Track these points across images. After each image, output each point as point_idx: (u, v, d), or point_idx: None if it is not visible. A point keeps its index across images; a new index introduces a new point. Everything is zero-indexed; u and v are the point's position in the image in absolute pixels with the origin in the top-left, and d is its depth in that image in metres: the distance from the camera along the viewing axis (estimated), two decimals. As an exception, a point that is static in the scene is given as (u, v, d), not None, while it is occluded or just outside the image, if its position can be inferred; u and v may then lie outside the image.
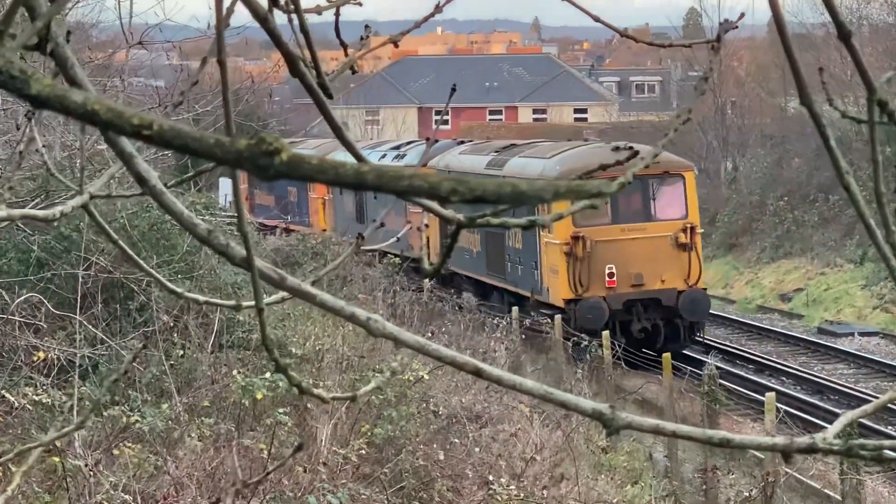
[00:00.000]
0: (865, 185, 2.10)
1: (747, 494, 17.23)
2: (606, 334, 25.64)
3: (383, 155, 40.90)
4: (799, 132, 48.35)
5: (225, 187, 40.52)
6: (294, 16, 2.07)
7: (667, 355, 23.13)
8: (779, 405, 20.06)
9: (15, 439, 11.26)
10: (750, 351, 31.85)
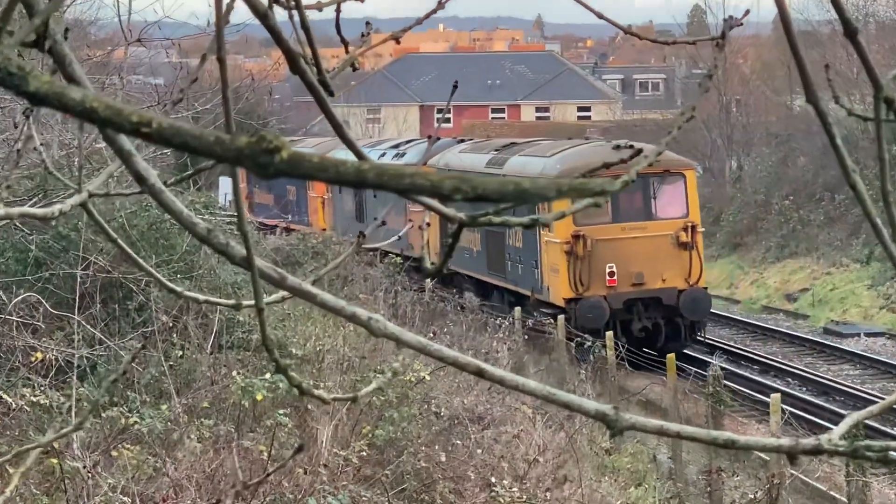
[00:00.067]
0: (872, 184, 2.09)
1: (752, 496, 17.19)
2: (610, 335, 25.62)
3: (383, 153, 40.85)
4: (805, 130, 48.20)
5: (224, 186, 40.54)
6: (295, 12, 2.06)
7: (671, 356, 23.10)
8: (784, 406, 20.00)
9: (13, 441, 11.24)
10: (755, 351, 31.80)
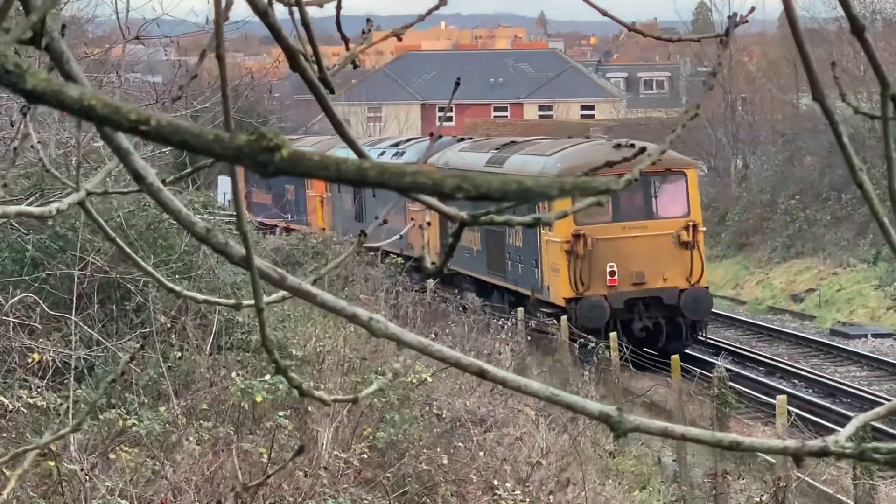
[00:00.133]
0: (879, 183, 2.07)
1: (758, 500, 17.16)
2: (614, 335, 25.59)
3: (382, 152, 40.85)
4: (811, 129, 48.09)
5: (224, 186, 40.55)
6: (295, 9, 2.04)
7: (675, 357, 23.07)
8: (790, 408, 19.96)
9: (9, 443, 11.21)
10: (761, 353, 31.73)
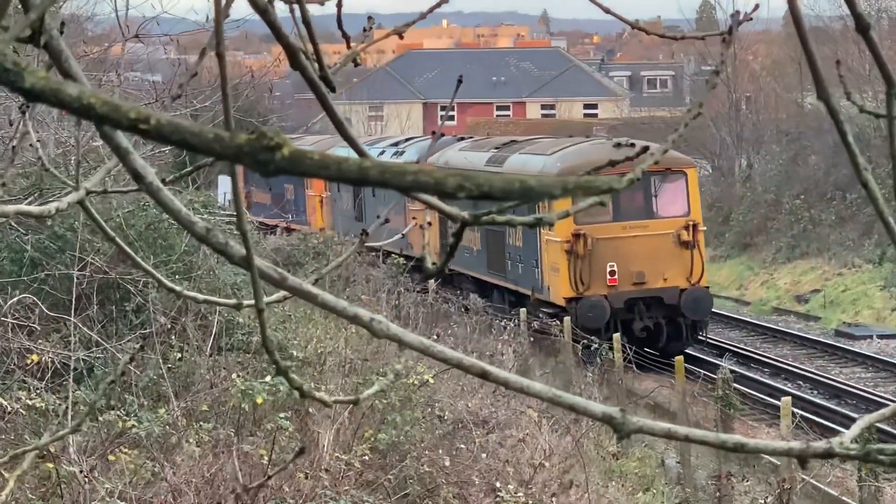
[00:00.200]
0: (884, 183, 2.06)
1: (763, 502, 17.16)
2: (617, 336, 25.56)
3: (382, 151, 40.82)
4: (816, 128, 47.97)
5: (224, 185, 40.51)
6: (295, 7, 2.03)
7: (679, 358, 23.05)
8: (795, 410, 19.90)
9: (8, 444, 11.19)
10: (765, 354, 31.70)
